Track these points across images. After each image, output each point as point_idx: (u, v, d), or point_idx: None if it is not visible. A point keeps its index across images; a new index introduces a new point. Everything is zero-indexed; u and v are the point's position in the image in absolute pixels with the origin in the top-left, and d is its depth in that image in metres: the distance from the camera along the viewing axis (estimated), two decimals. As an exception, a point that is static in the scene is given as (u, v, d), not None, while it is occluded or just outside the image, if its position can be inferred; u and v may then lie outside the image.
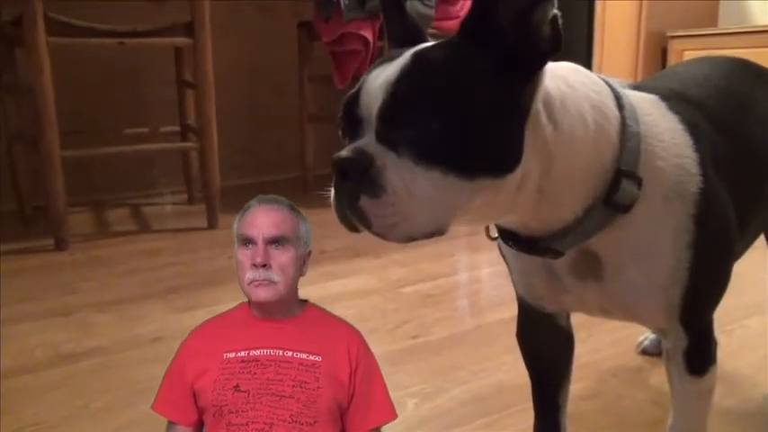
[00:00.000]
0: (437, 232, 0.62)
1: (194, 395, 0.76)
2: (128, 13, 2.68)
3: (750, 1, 3.79)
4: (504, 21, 0.60)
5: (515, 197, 0.64)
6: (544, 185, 0.65)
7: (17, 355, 1.39)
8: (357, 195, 0.60)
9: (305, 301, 0.81)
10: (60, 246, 2.17)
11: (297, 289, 0.78)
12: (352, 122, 0.64)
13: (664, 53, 3.72)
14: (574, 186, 0.67)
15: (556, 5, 0.59)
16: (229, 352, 0.74)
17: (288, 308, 0.78)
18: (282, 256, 0.74)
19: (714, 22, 3.86)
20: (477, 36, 0.61)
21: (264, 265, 0.73)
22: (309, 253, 0.79)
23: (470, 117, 0.59)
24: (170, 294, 1.75)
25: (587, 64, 3.95)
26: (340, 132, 0.66)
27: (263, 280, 0.73)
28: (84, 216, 2.66)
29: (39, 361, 1.37)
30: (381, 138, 0.60)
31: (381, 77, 0.61)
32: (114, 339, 1.48)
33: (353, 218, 0.61)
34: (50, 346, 1.44)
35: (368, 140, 0.61)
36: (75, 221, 2.44)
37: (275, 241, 0.74)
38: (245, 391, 0.72)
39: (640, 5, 3.70)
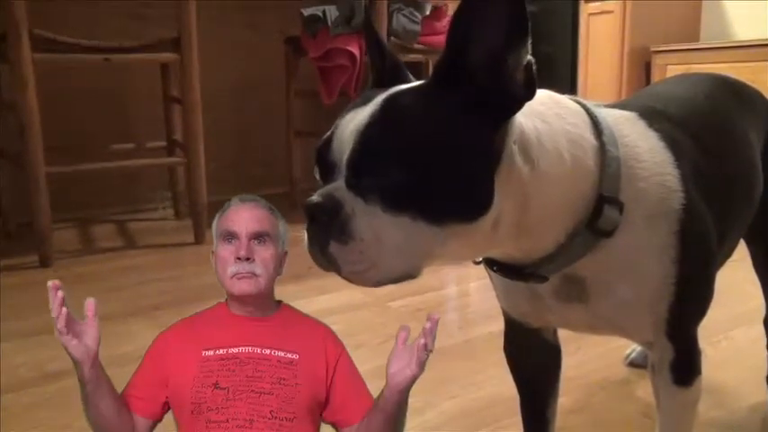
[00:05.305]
0: (408, 277, 0.62)
1: (167, 392, 0.76)
2: (114, 29, 2.68)
3: (731, 16, 3.85)
4: (476, 64, 0.60)
5: (491, 236, 0.64)
6: (522, 220, 0.65)
7: (1, 373, 1.36)
8: (327, 240, 0.60)
9: (279, 302, 0.83)
10: (44, 263, 2.14)
11: (273, 289, 0.80)
12: (325, 166, 0.64)
13: (647, 68, 3.77)
14: (553, 218, 0.67)
15: (530, 51, 0.58)
16: (208, 350, 0.75)
17: (265, 306, 0.80)
18: (265, 252, 0.76)
19: (696, 37, 3.93)
20: (450, 80, 0.61)
21: (248, 259, 0.75)
22: (286, 254, 0.81)
23: (438, 165, 0.59)
24: (155, 311, 1.73)
25: (572, 80, 3.99)
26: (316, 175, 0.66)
27: (247, 273, 0.75)
28: (68, 232, 2.63)
29: (23, 380, 1.36)
30: (350, 184, 0.61)
31: (353, 123, 0.61)
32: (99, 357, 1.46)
33: (323, 261, 0.62)
34: (35, 364, 1.42)
35: (338, 185, 0.61)
36: (60, 238, 2.42)
37: (258, 236, 0.76)
38: (225, 389, 0.72)
39: (623, 21, 3.75)
